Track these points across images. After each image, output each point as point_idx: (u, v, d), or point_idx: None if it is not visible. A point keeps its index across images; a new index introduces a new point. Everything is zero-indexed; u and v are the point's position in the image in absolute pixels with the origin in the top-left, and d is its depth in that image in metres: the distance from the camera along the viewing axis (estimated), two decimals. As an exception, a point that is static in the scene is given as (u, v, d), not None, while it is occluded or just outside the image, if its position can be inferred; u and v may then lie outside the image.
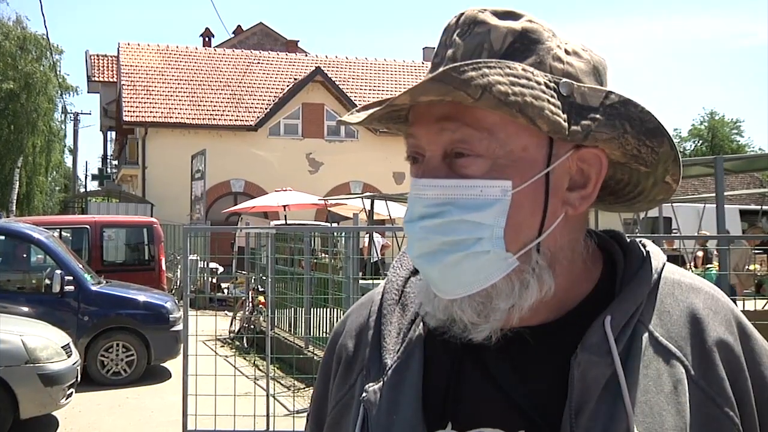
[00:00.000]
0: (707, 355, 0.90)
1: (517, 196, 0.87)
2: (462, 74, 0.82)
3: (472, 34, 0.90)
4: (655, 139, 0.90)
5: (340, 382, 1.03)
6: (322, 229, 11.97)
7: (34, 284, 9.38)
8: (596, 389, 0.86)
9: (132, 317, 9.22)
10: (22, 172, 34.78)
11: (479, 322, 0.89)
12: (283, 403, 7.20)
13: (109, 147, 42.38)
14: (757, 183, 30.93)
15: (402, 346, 0.97)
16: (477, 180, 0.87)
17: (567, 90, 0.87)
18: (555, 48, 0.91)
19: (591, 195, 0.92)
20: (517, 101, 0.83)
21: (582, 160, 0.91)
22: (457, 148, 0.88)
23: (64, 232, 12.70)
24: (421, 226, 0.89)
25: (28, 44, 32.92)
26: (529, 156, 0.88)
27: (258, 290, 11.01)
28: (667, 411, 0.86)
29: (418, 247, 0.90)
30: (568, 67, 0.90)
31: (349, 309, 1.12)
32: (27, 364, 6.48)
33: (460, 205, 0.87)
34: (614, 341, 0.88)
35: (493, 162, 0.87)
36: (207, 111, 26.22)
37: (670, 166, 0.95)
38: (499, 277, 0.88)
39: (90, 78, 35.98)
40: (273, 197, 18.30)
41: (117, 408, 7.97)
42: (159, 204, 23.29)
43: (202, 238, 14.43)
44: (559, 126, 0.85)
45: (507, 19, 0.91)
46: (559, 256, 0.91)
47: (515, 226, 0.87)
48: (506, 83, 0.83)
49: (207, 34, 38.64)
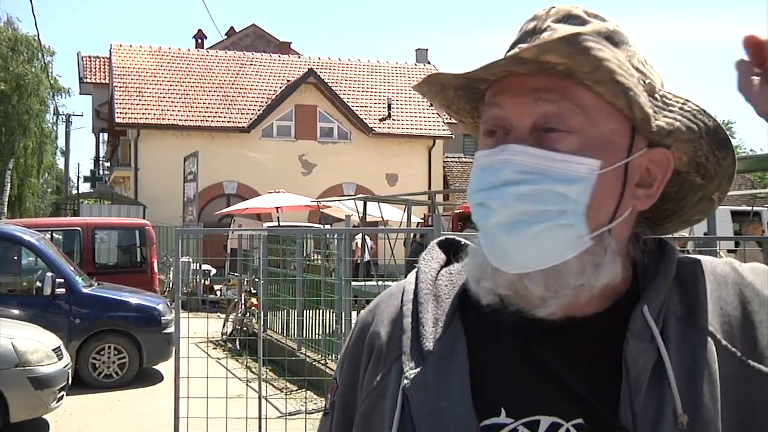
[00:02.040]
0: (730, 319, 0.92)
1: (602, 178, 0.89)
2: (585, 42, 0.84)
3: (569, 23, 0.93)
4: (722, 151, 0.94)
5: (372, 370, 1.01)
6: (314, 231, 11.95)
7: (25, 287, 9.34)
8: (646, 374, 0.88)
9: (124, 319, 9.18)
10: (14, 174, 34.64)
11: (548, 296, 0.90)
12: (276, 405, 7.18)
13: (101, 149, 42.26)
14: (748, 184, 31.05)
15: (442, 334, 0.96)
16: (567, 155, 0.88)
17: (651, 91, 0.92)
18: (639, 53, 0.95)
19: (654, 195, 0.96)
20: (624, 83, 0.86)
21: (652, 161, 0.94)
22: (549, 123, 0.89)
23: (56, 234, 12.66)
24: (508, 192, 0.88)
25: (19, 45, 32.77)
26: (616, 142, 0.90)
27: (250, 292, 10.99)
28: (705, 389, 0.88)
29: (499, 214, 0.89)
30: (649, 73, 0.94)
31: (376, 299, 1.11)
32: (17, 368, 6.45)
33: (548, 175, 0.88)
34: None
35: (584, 140, 0.89)
36: (199, 113, 26.17)
37: (725, 182, 0.98)
38: (573, 255, 0.89)
39: (82, 79, 35.88)
40: (266, 199, 18.28)
41: (108, 411, 7.94)
42: (151, 206, 23.23)
43: (195, 240, 14.44)
44: (649, 117, 0.89)
45: (597, 19, 0.95)
46: (622, 247, 0.94)
47: (595, 207, 0.89)
48: (615, 63, 0.86)
49: (199, 35, 38.55)
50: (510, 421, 0.91)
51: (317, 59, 30.87)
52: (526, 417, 0.90)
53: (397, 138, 27.57)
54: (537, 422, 0.90)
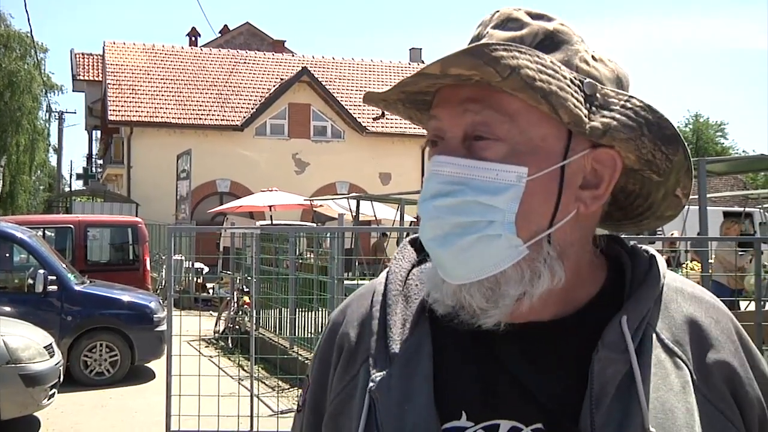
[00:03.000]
0: (707, 363, 0.93)
1: (532, 184, 0.88)
2: (493, 51, 0.84)
3: (506, 28, 0.93)
4: (670, 146, 0.92)
5: (341, 372, 1.02)
6: (307, 230, 11.96)
7: (17, 284, 9.31)
8: (613, 385, 0.88)
9: (116, 317, 9.16)
10: (6, 170, 34.51)
11: (488, 307, 0.89)
12: (268, 403, 7.19)
13: (94, 146, 42.13)
14: (740, 185, 31.15)
15: (409, 336, 0.97)
16: (494, 163, 0.88)
17: (590, 90, 0.90)
18: (582, 51, 0.93)
19: (603, 196, 0.94)
20: (542, 87, 0.85)
21: (597, 161, 0.92)
22: (478, 131, 0.89)
23: (48, 231, 12.63)
24: (435, 205, 0.89)
25: (11, 42, 32.65)
26: (547, 146, 0.89)
27: (243, 290, 10.98)
28: (677, 408, 0.88)
29: (430, 227, 0.90)
30: (593, 71, 0.92)
31: (348, 298, 1.11)
32: (8, 365, 6.43)
33: (474, 186, 0.88)
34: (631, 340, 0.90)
35: (512, 147, 0.88)
36: (193, 111, 26.13)
37: (682, 177, 0.96)
38: (509, 265, 0.88)
39: (75, 77, 35.77)
40: (259, 197, 18.26)
41: (100, 408, 7.93)
42: (144, 204, 23.19)
43: (187, 238, 14.43)
44: (580, 119, 0.87)
45: (540, 20, 0.94)
46: (569, 252, 0.92)
47: (527, 214, 0.88)
48: (534, 69, 0.85)
49: (193, 33, 38.49)
50: (470, 425, 0.91)
51: (311, 58, 30.85)
52: (487, 421, 0.91)
53: (390, 137, 27.57)
54: (497, 426, 0.90)
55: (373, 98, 0.99)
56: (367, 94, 0.99)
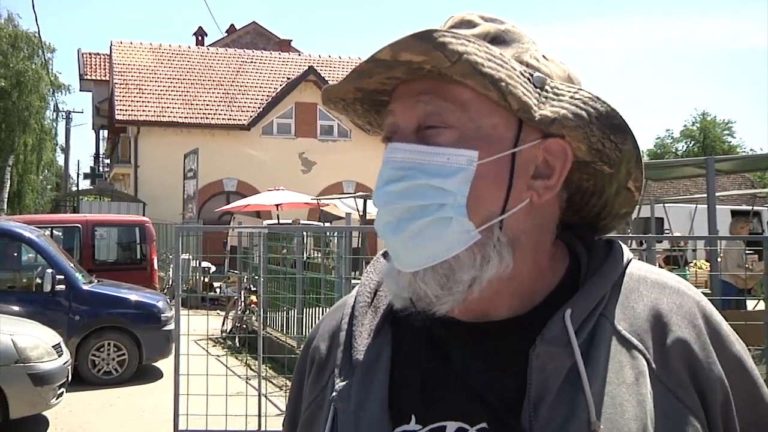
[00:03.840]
0: (667, 350, 0.91)
1: (482, 168, 0.89)
2: (441, 37, 0.85)
3: (458, 28, 0.94)
4: (619, 135, 0.93)
5: (312, 383, 1.05)
6: (314, 229, 11.96)
7: (25, 283, 9.34)
8: (556, 381, 0.87)
9: (123, 316, 9.18)
10: (14, 170, 34.61)
11: (442, 294, 0.90)
12: (275, 402, 7.18)
13: (101, 146, 42.24)
14: (748, 184, 31.05)
15: (371, 343, 0.99)
16: (445, 148, 0.89)
17: (540, 82, 0.91)
18: (533, 50, 0.95)
19: (555, 186, 0.94)
20: (491, 73, 0.86)
21: (548, 151, 0.93)
22: (429, 121, 0.90)
23: (56, 230, 12.65)
24: (387, 190, 0.91)
25: (19, 42, 32.73)
26: (497, 134, 0.90)
27: (250, 290, 10.99)
28: (628, 402, 0.87)
29: (383, 214, 0.92)
30: (543, 67, 0.94)
31: (327, 312, 1.15)
32: (17, 364, 6.45)
33: (425, 170, 0.89)
34: (574, 333, 0.89)
35: (462, 133, 0.89)
36: (200, 110, 26.16)
37: (633, 168, 0.97)
38: (461, 249, 0.89)
39: (82, 76, 35.84)
40: (265, 196, 18.28)
41: (108, 408, 7.95)
42: (151, 203, 23.22)
43: (194, 238, 14.41)
44: (529, 106, 0.89)
45: (492, 22, 0.96)
46: (522, 240, 0.92)
47: (478, 198, 0.89)
48: (482, 56, 0.87)
49: (200, 33, 38.52)
50: (418, 428, 0.92)
51: (317, 57, 30.86)
52: (434, 423, 0.91)
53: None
54: (443, 428, 0.91)
55: (332, 97, 0.99)
56: (324, 92, 0.99)
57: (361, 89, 0.96)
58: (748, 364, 0.97)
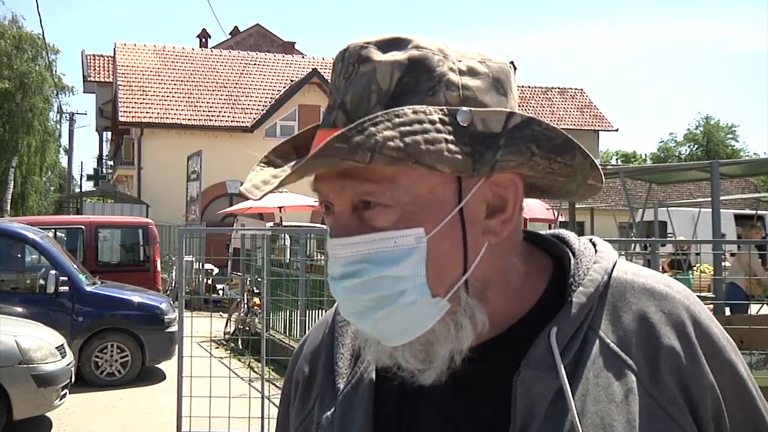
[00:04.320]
0: (656, 362, 0.88)
1: (433, 241, 0.84)
2: (346, 141, 0.78)
3: (358, 75, 0.86)
4: (566, 154, 0.86)
5: (299, 406, 1.03)
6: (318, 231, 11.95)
7: (29, 284, 9.35)
8: (543, 405, 0.84)
9: (127, 318, 9.19)
10: (17, 171, 34.71)
11: (424, 368, 0.87)
12: (278, 405, 7.17)
13: (104, 147, 42.31)
14: (752, 188, 31.02)
15: (352, 370, 0.97)
16: (389, 232, 0.84)
17: (466, 118, 0.82)
18: (448, 72, 0.86)
19: (512, 218, 0.89)
20: (410, 153, 0.79)
21: (496, 185, 0.88)
22: (363, 198, 0.85)
23: (59, 232, 12.67)
24: (343, 286, 0.86)
25: (23, 44, 32.87)
26: (437, 197, 0.84)
27: (253, 292, 10.99)
28: (617, 421, 0.84)
29: (345, 307, 0.89)
30: (464, 92, 0.86)
31: (312, 328, 1.12)
32: (21, 365, 6.46)
33: (376, 261, 0.84)
34: (561, 353, 0.86)
35: (402, 210, 0.84)
36: (203, 112, 26.20)
37: (589, 172, 0.91)
38: (434, 322, 0.85)
39: (86, 78, 35.91)
40: (268, 199, 18.25)
41: (111, 409, 7.95)
42: (154, 205, 23.25)
43: (198, 239, 14.45)
44: (462, 164, 0.81)
45: (392, 50, 0.86)
46: (490, 286, 0.89)
47: (437, 271, 0.84)
48: (396, 136, 0.79)
49: (204, 34, 38.60)
50: None
51: (321, 59, 30.87)
52: None
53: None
54: None
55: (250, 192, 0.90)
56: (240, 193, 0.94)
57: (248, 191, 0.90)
58: (741, 369, 0.93)
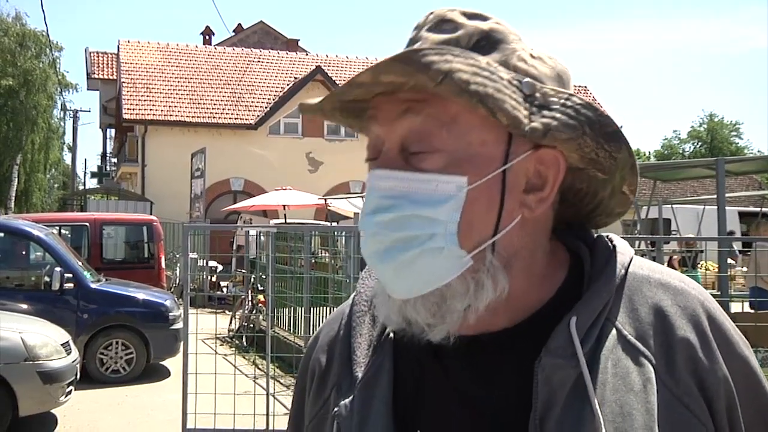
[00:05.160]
0: (672, 354, 0.89)
1: (473, 193, 0.85)
2: (424, 57, 0.81)
3: (441, 30, 0.90)
4: (613, 144, 0.90)
5: (314, 397, 1.03)
6: (322, 229, 11.96)
7: (34, 281, 9.37)
8: (562, 392, 0.85)
9: (131, 315, 9.21)
10: (21, 169, 34.75)
11: (435, 322, 0.87)
12: (283, 402, 7.19)
13: (108, 144, 42.38)
14: (756, 185, 30.96)
15: (371, 358, 0.97)
16: (433, 174, 0.85)
17: (529, 89, 0.87)
18: (520, 50, 0.90)
19: (548, 198, 0.91)
20: (477, 90, 0.82)
21: (540, 162, 0.90)
22: (414, 144, 0.87)
23: (64, 229, 12.71)
24: (375, 220, 0.87)
25: (27, 41, 32.86)
26: (486, 151, 0.87)
27: (257, 289, 11.00)
28: (636, 410, 0.84)
29: (371, 243, 0.88)
30: (531, 69, 0.90)
31: (326, 320, 1.12)
32: (26, 362, 6.48)
33: (413, 200, 0.85)
34: (580, 342, 0.86)
35: (450, 156, 0.86)
36: (207, 109, 26.20)
37: (627, 174, 0.94)
38: (453, 277, 0.86)
39: (90, 75, 35.94)
40: (273, 196, 18.30)
41: (116, 406, 7.97)
42: (158, 202, 23.27)
43: (202, 237, 14.45)
44: (519, 121, 0.84)
45: (475, 20, 0.91)
46: (516, 258, 0.90)
47: (469, 224, 0.86)
48: (469, 72, 0.82)
49: (207, 32, 38.59)
50: None
51: (325, 57, 30.88)
52: None
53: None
54: None
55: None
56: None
57: (339, 100, 0.92)
58: (754, 364, 0.94)
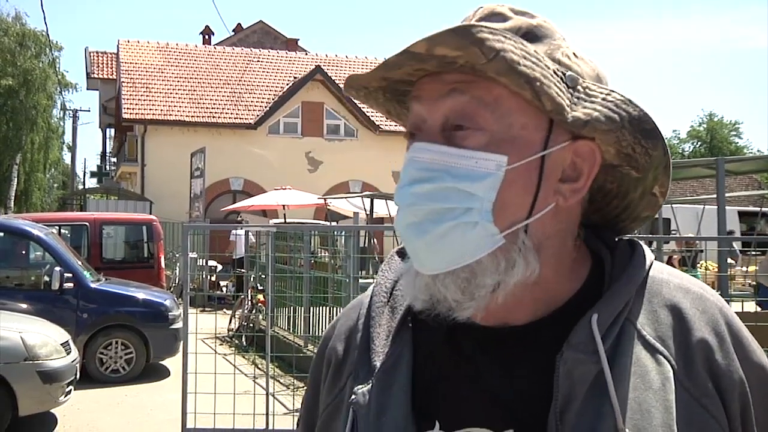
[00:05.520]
0: (691, 355, 0.90)
1: (511, 174, 0.87)
2: (479, 33, 0.83)
3: (490, 21, 0.92)
4: (650, 141, 0.92)
5: (330, 385, 1.03)
6: (321, 228, 11.96)
7: (33, 281, 9.37)
8: (582, 387, 0.86)
9: (131, 315, 9.21)
10: (21, 168, 34.76)
11: (463, 300, 0.88)
12: (283, 401, 7.20)
13: (108, 144, 42.36)
14: (755, 185, 30.95)
15: (390, 346, 0.97)
16: (474, 151, 0.87)
17: (572, 82, 0.90)
18: (564, 47, 0.93)
19: (582, 189, 0.92)
20: (526, 72, 0.84)
21: (577, 154, 0.91)
22: (458, 120, 0.88)
23: (64, 229, 12.69)
24: (412, 191, 0.88)
25: (27, 40, 32.87)
26: (527, 135, 0.88)
27: (257, 288, 11.00)
28: (655, 408, 0.85)
29: (406, 214, 0.89)
30: (574, 65, 0.92)
31: (342, 311, 1.13)
32: (26, 361, 6.47)
33: (453, 174, 0.87)
34: (601, 339, 0.87)
35: (492, 136, 0.87)
36: (206, 109, 26.19)
37: (660, 174, 0.96)
38: (485, 253, 0.87)
39: (89, 75, 35.95)
40: (272, 196, 18.30)
41: (116, 406, 7.96)
42: (157, 201, 23.27)
43: (201, 236, 14.44)
44: (562, 108, 0.87)
45: (523, 16, 0.94)
46: (546, 245, 0.91)
47: (504, 203, 0.87)
48: (518, 54, 0.85)
49: (207, 31, 38.56)
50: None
51: (324, 56, 30.87)
52: (459, 429, 0.90)
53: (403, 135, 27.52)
54: None
55: (355, 84, 0.96)
56: (349, 79, 0.97)
57: (386, 78, 0.94)
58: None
